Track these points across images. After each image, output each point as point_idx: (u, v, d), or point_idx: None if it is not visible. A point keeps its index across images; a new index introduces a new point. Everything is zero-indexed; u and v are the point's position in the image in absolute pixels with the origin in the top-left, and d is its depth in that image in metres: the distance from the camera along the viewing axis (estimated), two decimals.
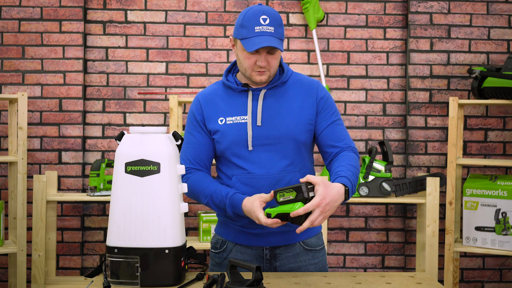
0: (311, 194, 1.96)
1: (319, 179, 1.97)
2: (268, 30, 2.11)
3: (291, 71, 2.28)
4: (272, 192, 2.03)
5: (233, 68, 2.30)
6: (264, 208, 2.04)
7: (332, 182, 2.05)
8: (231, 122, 2.19)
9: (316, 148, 3.75)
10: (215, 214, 3.65)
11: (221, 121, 2.20)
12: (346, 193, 2.02)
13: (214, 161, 2.33)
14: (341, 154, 2.19)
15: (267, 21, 2.12)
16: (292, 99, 2.21)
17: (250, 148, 2.16)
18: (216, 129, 2.20)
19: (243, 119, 2.18)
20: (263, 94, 2.20)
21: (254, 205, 2.05)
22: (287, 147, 2.17)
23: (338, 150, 2.21)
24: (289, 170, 2.17)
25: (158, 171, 1.95)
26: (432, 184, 3.56)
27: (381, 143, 3.72)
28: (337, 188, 1.99)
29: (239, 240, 2.23)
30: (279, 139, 2.16)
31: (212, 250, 2.31)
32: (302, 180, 1.98)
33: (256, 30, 2.11)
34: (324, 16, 3.86)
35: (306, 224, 1.95)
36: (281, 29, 2.14)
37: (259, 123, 2.17)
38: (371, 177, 3.63)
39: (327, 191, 1.95)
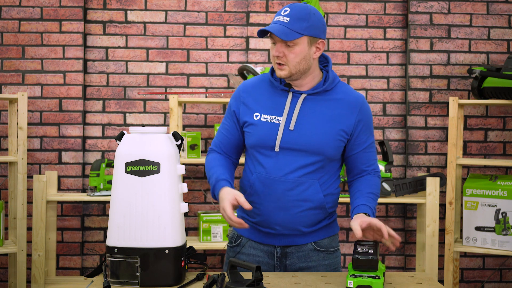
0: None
1: (372, 220, 2.06)
2: (282, 20, 2.09)
3: (337, 80, 2.23)
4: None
5: None
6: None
7: (354, 209, 2.15)
8: (265, 120, 2.18)
9: None
10: (215, 214, 3.65)
11: (256, 116, 2.19)
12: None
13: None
14: (364, 178, 2.23)
15: (287, 12, 2.10)
16: (331, 111, 2.17)
17: (277, 149, 2.15)
18: (250, 122, 2.20)
19: (278, 119, 2.16)
20: (302, 99, 2.17)
21: (227, 198, 2.08)
22: (313, 159, 2.15)
23: (364, 173, 2.24)
24: (308, 178, 2.16)
25: (158, 171, 1.95)
26: (432, 184, 3.56)
27: (381, 143, 3.72)
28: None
29: (253, 237, 2.24)
30: (306, 147, 2.14)
31: (228, 244, 2.33)
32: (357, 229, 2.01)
33: (274, 19, 2.12)
34: (324, 16, 3.86)
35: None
36: (302, 23, 2.08)
37: (291, 127, 2.15)
38: None
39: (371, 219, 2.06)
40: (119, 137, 2.03)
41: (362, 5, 3.94)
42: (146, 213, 1.95)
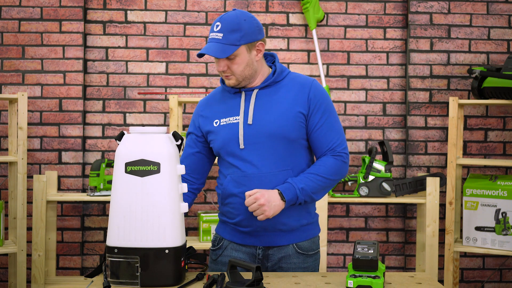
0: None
1: (259, 189, 2.14)
2: (215, 37, 2.18)
3: (287, 71, 2.30)
4: None
5: None
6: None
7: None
8: (224, 123, 2.25)
9: None
10: (215, 214, 3.65)
11: (216, 123, 2.27)
12: (280, 195, 2.14)
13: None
14: (318, 160, 2.26)
15: (218, 28, 2.18)
16: (284, 97, 2.23)
17: (241, 146, 2.20)
18: (211, 130, 2.27)
19: (236, 119, 2.23)
20: (255, 94, 2.24)
21: None
22: (278, 145, 2.20)
23: (320, 155, 2.26)
24: (281, 168, 2.20)
25: (158, 171, 1.95)
26: (432, 184, 3.56)
27: (381, 143, 3.72)
28: (273, 190, 2.15)
29: (234, 239, 2.28)
30: (270, 137, 2.19)
31: (211, 248, 2.38)
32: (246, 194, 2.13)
33: (209, 37, 2.22)
34: (324, 16, 3.86)
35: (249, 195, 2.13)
36: (234, 35, 2.16)
37: (250, 121, 2.21)
38: (371, 177, 3.63)
39: (265, 192, 2.13)
40: (119, 137, 2.03)
41: (362, 5, 3.94)
42: (146, 213, 1.95)
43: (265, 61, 2.32)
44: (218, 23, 2.18)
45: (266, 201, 2.11)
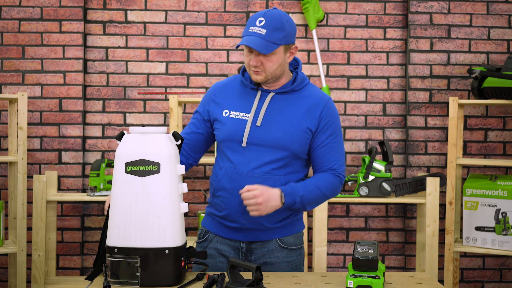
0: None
1: (260, 185, 2.15)
2: (258, 32, 2.17)
3: (307, 81, 2.32)
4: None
5: None
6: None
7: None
8: (233, 116, 2.26)
9: None
10: None
11: (226, 113, 2.28)
12: (281, 198, 2.17)
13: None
14: (318, 173, 2.29)
15: (262, 23, 2.17)
16: (298, 109, 2.25)
17: (244, 144, 2.22)
18: (219, 119, 2.28)
19: (245, 116, 2.24)
20: (270, 97, 2.26)
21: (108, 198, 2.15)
22: (279, 153, 2.22)
23: (320, 171, 2.29)
24: (274, 173, 2.23)
25: (158, 171, 1.95)
26: (432, 184, 3.56)
27: (381, 143, 3.72)
28: (275, 191, 2.16)
29: (219, 232, 2.31)
30: (273, 143, 2.22)
31: (197, 241, 2.41)
32: (243, 189, 2.13)
33: (249, 30, 2.19)
34: (324, 16, 3.86)
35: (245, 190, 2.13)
36: (277, 33, 2.17)
37: (258, 123, 2.23)
38: (371, 177, 3.63)
39: (265, 190, 2.14)
40: (119, 137, 2.03)
41: (362, 5, 3.94)
42: (146, 213, 1.95)
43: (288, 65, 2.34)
44: (261, 18, 2.18)
45: (264, 201, 2.13)
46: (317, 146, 2.26)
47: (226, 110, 2.27)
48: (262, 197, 2.12)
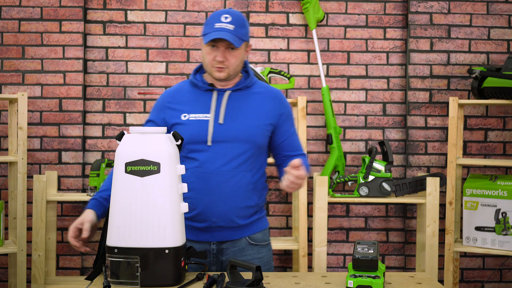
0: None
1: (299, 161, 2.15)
2: (227, 27, 2.24)
3: (255, 78, 2.41)
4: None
5: (201, 68, 2.42)
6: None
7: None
8: (194, 118, 2.30)
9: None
10: None
11: (185, 116, 2.31)
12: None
13: None
14: (298, 158, 2.36)
15: (229, 19, 2.25)
16: (256, 104, 2.33)
17: (209, 143, 2.26)
18: (179, 122, 2.32)
19: (206, 116, 2.29)
20: (227, 95, 2.32)
21: (76, 221, 2.16)
22: (244, 148, 2.28)
23: (291, 158, 2.38)
24: (241, 169, 2.28)
25: (158, 171, 1.95)
26: (432, 184, 3.56)
27: (381, 143, 3.72)
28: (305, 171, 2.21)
29: (189, 236, 2.31)
30: (238, 138, 2.28)
31: None
32: (289, 165, 2.13)
33: (216, 26, 2.25)
34: (324, 16, 3.86)
35: (293, 171, 2.13)
36: (243, 30, 2.27)
37: (221, 121, 2.28)
38: (371, 177, 3.63)
39: (304, 168, 2.17)
40: (119, 137, 2.03)
41: (362, 5, 3.94)
42: (146, 213, 1.95)
43: None
44: (226, 15, 2.25)
45: (304, 181, 2.19)
46: (285, 137, 2.37)
47: (185, 114, 2.31)
48: (305, 178, 2.19)
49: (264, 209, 2.44)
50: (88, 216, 2.17)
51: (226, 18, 2.25)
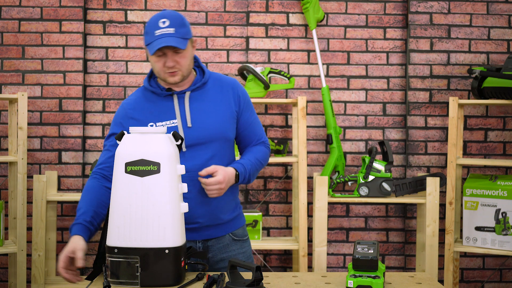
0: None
1: (218, 166, 2.20)
2: (167, 32, 2.20)
3: (208, 71, 2.39)
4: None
5: (154, 74, 2.38)
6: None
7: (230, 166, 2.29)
8: (161, 126, 2.26)
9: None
10: None
11: (151, 126, 2.27)
12: (236, 177, 2.27)
13: None
14: (251, 147, 2.42)
15: (167, 23, 2.22)
16: (216, 99, 2.32)
17: (184, 149, 2.24)
18: None
19: (173, 122, 2.27)
20: (188, 96, 2.30)
21: (66, 249, 2.11)
22: (217, 146, 2.29)
23: (251, 145, 2.42)
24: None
25: (158, 171, 1.95)
26: (432, 184, 3.56)
27: (381, 143, 3.72)
28: (231, 171, 2.24)
29: None
30: (210, 138, 2.27)
31: None
32: (203, 172, 2.18)
33: (157, 34, 2.21)
34: (324, 16, 3.86)
35: (208, 181, 2.17)
36: (184, 29, 2.24)
37: (189, 124, 2.26)
38: (371, 177, 3.63)
39: (225, 173, 2.21)
40: (119, 137, 2.03)
41: (362, 5, 3.94)
42: (146, 213, 1.95)
43: None
44: (164, 20, 2.22)
45: (225, 185, 2.21)
46: (246, 125, 2.38)
47: (151, 123, 2.27)
48: (224, 182, 2.19)
49: (241, 206, 2.47)
50: (79, 243, 2.10)
51: (164, 22, 2.21)
